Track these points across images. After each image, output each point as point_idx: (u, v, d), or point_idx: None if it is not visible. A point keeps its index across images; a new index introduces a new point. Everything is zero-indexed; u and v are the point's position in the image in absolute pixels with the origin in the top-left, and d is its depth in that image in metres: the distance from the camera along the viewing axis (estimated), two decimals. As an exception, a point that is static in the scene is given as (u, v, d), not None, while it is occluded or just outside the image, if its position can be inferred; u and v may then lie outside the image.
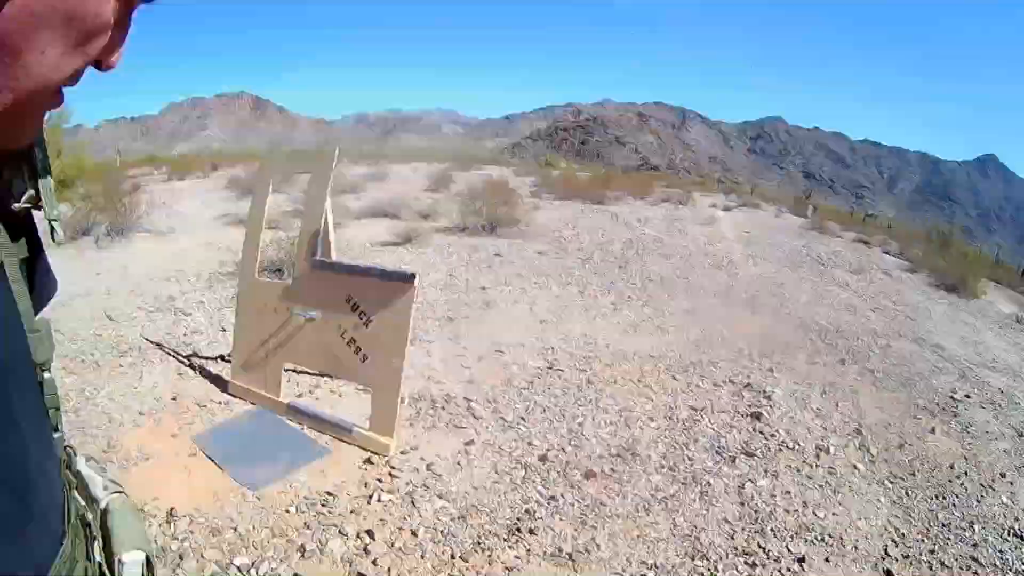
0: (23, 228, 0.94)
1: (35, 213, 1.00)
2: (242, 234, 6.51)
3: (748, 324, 10.21)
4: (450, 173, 29.90)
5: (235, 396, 6.14)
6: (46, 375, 0.96)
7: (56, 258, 0.99)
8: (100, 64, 0.82)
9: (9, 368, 0.83)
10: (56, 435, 1.00)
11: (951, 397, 8.23)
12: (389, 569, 4.07)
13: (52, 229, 0.98)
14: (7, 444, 0.80)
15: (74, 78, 0.80)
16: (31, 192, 0.92)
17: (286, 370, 6.09)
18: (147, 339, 7.65)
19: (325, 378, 6.64)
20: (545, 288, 11.04)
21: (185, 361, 7.01)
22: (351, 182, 23.63)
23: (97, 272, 10.65)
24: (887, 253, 20.08)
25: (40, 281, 0.98)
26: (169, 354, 7.20)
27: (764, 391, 7.56)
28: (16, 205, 0.90)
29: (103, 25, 0.76)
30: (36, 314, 0.95)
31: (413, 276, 5.05)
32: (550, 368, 7.65)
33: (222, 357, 7.07)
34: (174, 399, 6.03)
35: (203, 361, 7.03)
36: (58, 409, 0.99)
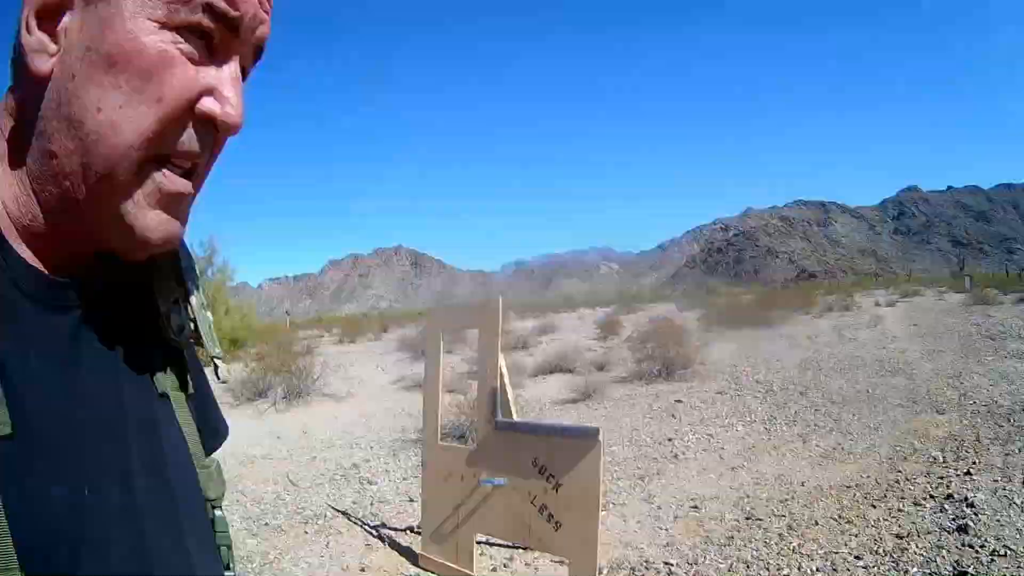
0: (183, 363, 0.98)
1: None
2: (419, 398, 6.60)
3: (936, 427, 9.77)
4: (617, 317, 30.29)
5: (426, 569, 6.00)
6: (217, 512, 0.97)
7: (235, 418, 1.02)
8: (215, 123, 0.78)
9: (179, 496, 0.87)
10: (228, 574, 0.99)
11: None
12: None
13: (216, 367, 1.00)
14: (177, 567, 0.83)
15: (160, 138, 0.75)
16: (190, 326, 0.95)
17: (478, 542, 5.98)
18: (333, 508, 7.79)
19: (519, 549, 6.43)
20: (731, 430, 10.80)
21: (373, 532, 6.99)
22: (520, 337, 24.05)
23: (277, 435, 11.05)
24: (1054, 309, 18.73)
25: (208, 420, 1.03)
26: (356, 523, 7.26)
27: (966, 499, 7.13)
28: (173, 338, 0.93)
29: (152, 58, 0.72)
30: (207, 454, 0.98)
31: (597, 432, 4.80)
32: (748, 519, 7.38)
33: (411, 529, 7.02)
34: (363, 571, 6.01)
35: (391, 532, 6.99)
36: (229, 548, 0.98)
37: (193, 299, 0.95)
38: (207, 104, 0.76)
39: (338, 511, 7.68)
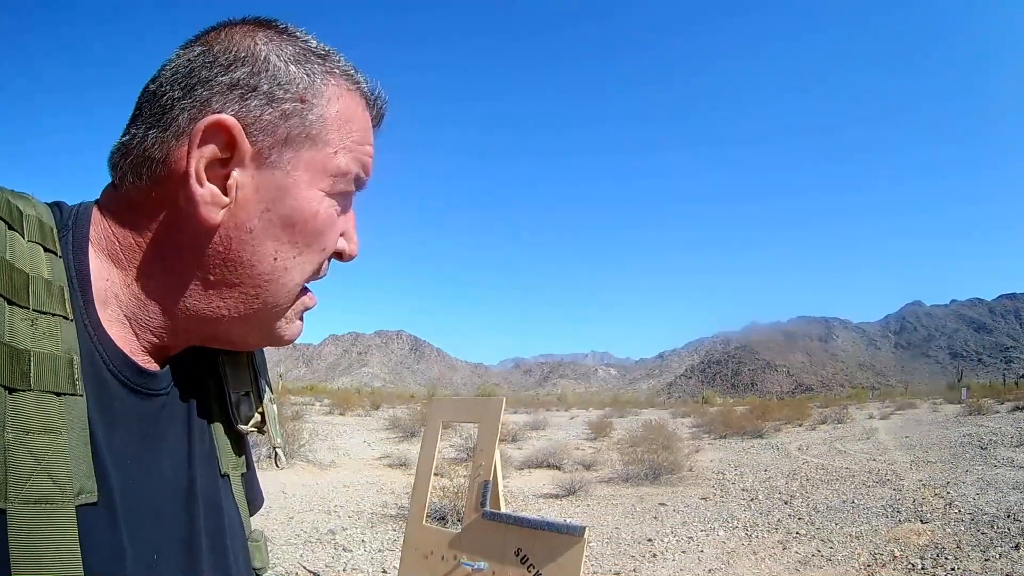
0: (243, 445, 1.14)
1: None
2: (402, 476, 6.67)
3: (918, 535, 9.75)
4: (609, 420, 30.47)
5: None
6: None
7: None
8: (341, 256, 1.03)
9: (234, 566, 1.02)
10: None
11: None
12: None
13: (276, 455, 1.17)
14: None
15: (315, 274, 0.99)
16: (257, 417, 1.11)
17: (453, 622, 5.97)
18: (305, 568, 7.80)
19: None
20: (712, 534, 10.75)
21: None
22: (511, 430, 24.11)
23: (255, 491, 11.19)
24: (1045, 411, 18.67)
25: (251, 494, 1.17)
26: (328, 587, 7.30)
27: (942, 603, 7.10)
28: (241, 427, 1.09)
29: (324, 221, 0.94)
30: None
31: (583, 529, 4.83)
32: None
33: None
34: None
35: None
36: None
37: (264, 393, 1.13)
38: (340, 243, 1.02)
39: (311, 572, 7.71)
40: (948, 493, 12.03)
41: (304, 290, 1.00)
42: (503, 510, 5.04)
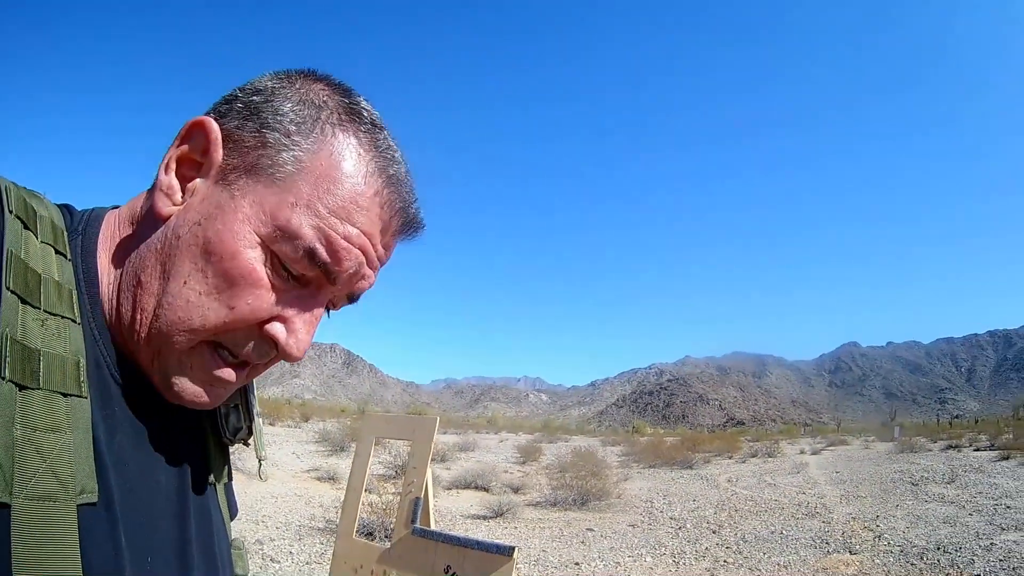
0: (228, 455, 1.15)
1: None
2: (331, 490, 6.59)
3: (846, 566, 9.82)
4: (539, 445, 30.66)
5: (326, 656, 5.98)
6: None
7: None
8: (277, 344, 0.90)
9: (221, 572, 1.03)
10: None
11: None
12: None
13: (260, 465, 1.20)
14: None
15: (220, 335, 0.88)
16: (244, 429, 1.11)
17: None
18: None
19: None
20: (639, 560, 10.71)
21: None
22: (440, 450, 24.18)
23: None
24: (978, 450, 20.56)
25: (229, 503, 1.18)
26: (255, 602, 7.21)
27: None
28: (229, 439, 1.10)
29: (241, 270, 0.84)
30: None
31: (513, 549, 4.80)
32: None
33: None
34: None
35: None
36: None
37: (252, 407, 1.11)
38: (275, 329, 0.90)
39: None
40: (878, 526, 12.23)
41: (213, 348, 0.90)
42: (432, 528, 4.91)
